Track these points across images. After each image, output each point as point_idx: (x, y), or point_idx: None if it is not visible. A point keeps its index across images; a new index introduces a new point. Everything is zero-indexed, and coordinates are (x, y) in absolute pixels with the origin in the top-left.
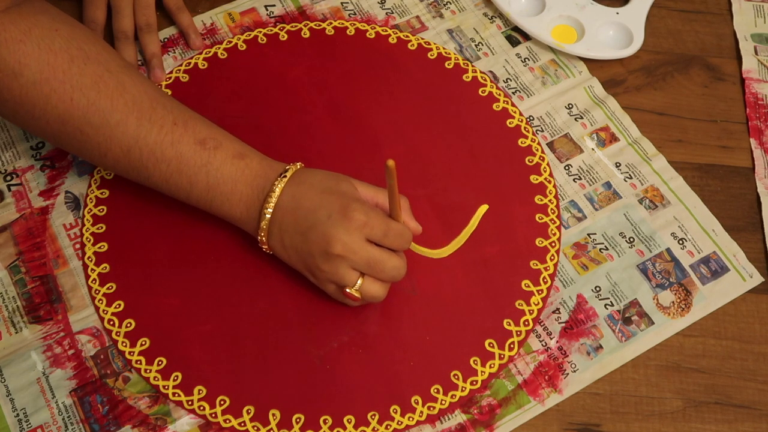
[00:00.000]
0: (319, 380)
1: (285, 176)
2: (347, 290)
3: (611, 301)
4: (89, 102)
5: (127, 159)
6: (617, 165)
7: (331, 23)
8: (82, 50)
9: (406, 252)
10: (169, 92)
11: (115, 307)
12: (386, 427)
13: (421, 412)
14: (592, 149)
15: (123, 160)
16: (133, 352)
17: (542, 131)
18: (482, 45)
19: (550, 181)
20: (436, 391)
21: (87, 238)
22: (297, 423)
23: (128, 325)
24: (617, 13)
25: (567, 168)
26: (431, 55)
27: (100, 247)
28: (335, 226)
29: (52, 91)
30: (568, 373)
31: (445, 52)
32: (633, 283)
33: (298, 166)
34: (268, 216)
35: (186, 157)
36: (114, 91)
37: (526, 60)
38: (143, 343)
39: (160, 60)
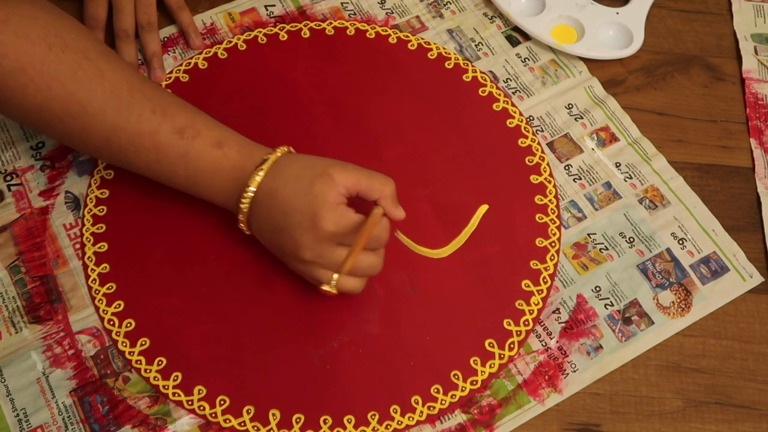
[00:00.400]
0: (319, 380)
1: (261, 169)
2: (322, 288)
3: (611, 301)
4: (67, 92)
5: (107, 147)
6: (617, 165)
7: (331, 23)
8: (61, 38)
9: (406, 251)
10: (169, 92)
11: (115, 307)
12: (386, 427)
13: (421, 412)
14: (592, 149)
15: (104, 148)
16: (133, 352)
17: (542, 131)
18: (482, 45)
19: (550, 181)
20: (436, 391)
21: (87, 238)
22: (297, 423)
23: (128, 325)
24: (617, 13)
25: (567, 168)
26: (431, 55)
27: (100, 247)
28: (304, 234)
29: (30, 81)
30: (568, 373)
31: (445, 52)
32: (633, 283)
33: (278, 154)
34: (244, 210)
35: (164, 147)
36: (92, 79)
37: (526, 60)
38: (143, 343)
39: (161, 59)
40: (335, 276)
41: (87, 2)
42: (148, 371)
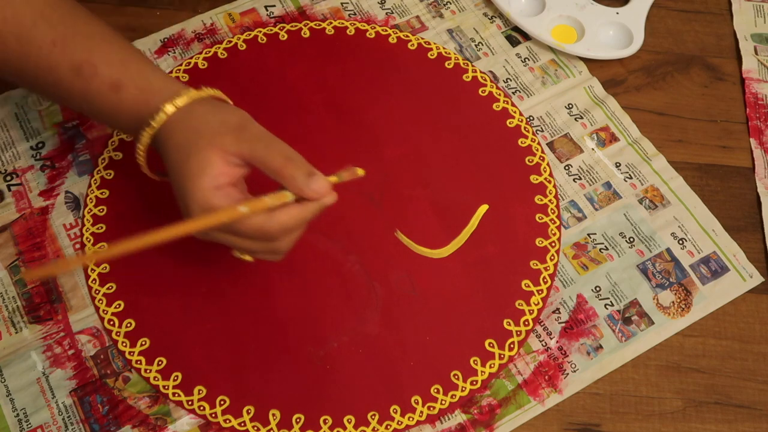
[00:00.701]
0: (319, 380)
1: (151, 127)
2: (235, 255)
3: (611, 301)
4: None
5: (21, 81)
6: (617, 165)
7: (331, 23)
8: None
9: (406, 251)
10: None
11: (115, 307)
12: (386, 427)
13: (421, 412)
14: (592, 149)
15: (19, 81)
16: (133, 352)
17: (542, 131)
18: (482, 45)
19: (550, 181)
20: (436, 391)
21: (87, 238)
22: (297, 423)
23: (128, 325)
24: (617, 13)
25: (567, 168)
26: (431, 55)
27: (100, 247)
28: (184, 212)
29: None
30: (568, 373)
31: (445, 52)
32: (633, 283)
33: (169, 111)
34: (142, 163)
35: (65, 85)
36: None
37: (526, 60)
38: (143, 343)
39: None
40: (236, 253)
41: None
42: (148, 371)
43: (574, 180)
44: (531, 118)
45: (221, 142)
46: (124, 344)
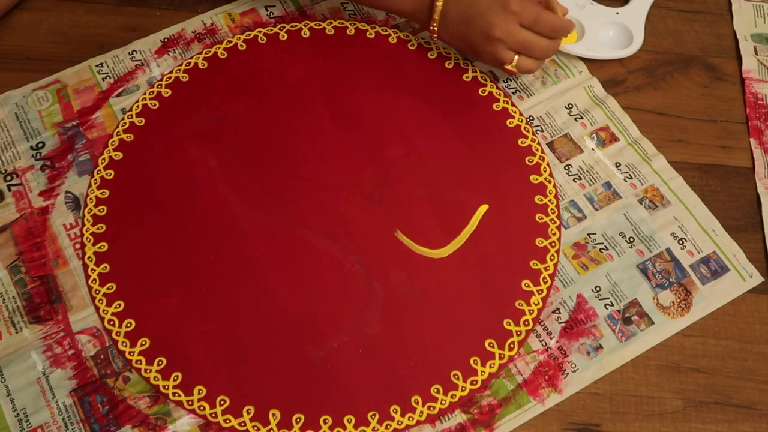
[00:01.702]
0: (319, 380)
1: None
2: (506, 66)
3: (611, 301)
4: None
5: None
6: (617, 165)
7: (331, 23)
8: None
9: (406, 251)
10: (169, 92)
11: (115, 307)
12: (386, 427)
13: (421, 412)
14: (592, 149)
15: None
16: (133, 352)
17: (542, 131)
18: None
19: (550, 181)
20: (436, 391)
21: (87, 238)
22: (297, 423)
23: (128, 325)
24: (617, 13)
25: (567, 168)
26: (431, 55)
27: (100, 247)
28: (494, 14)
29: None
30: (568, 373)
31: (445, 52)
32: (633, 283)
33: None
34: (439, 8)
35: None
36: None
37: None
38: (143, 343)
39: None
40: (516, 57)
41: None
42: (148, 371)
43: (574, 180)
44: (531, 118)
45: None
46: (124, 344)
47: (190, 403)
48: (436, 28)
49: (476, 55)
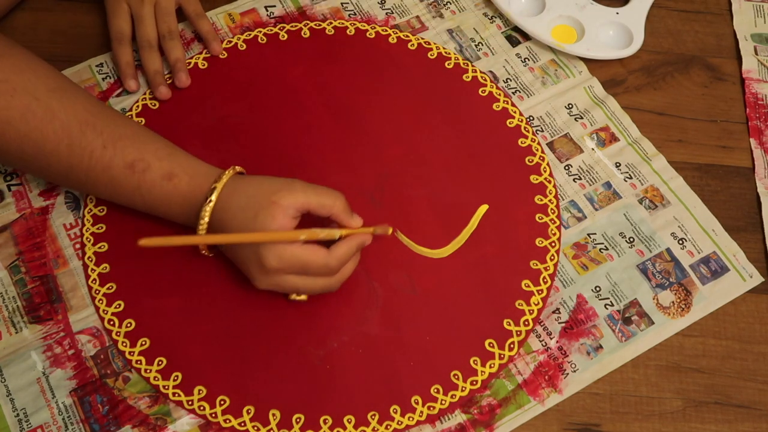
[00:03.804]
0: (319, 380)
1: (210, 201)
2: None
3: (611, 301)
4: (20, 135)
5: (68, 181)
6: (617, 165)
7: (331, 23)
8: (9, 83)
9: (406, 251)
10: (170, 92)
11: (115, 307)
12: (386, 427)
13: (421, 412)
14: (592, 149)
15: (66, 180)
16: (133, 352)
17: (542, 131)
18: (482, 45)
19: (550, 181)
20: (436, 391)
21: (87, 238)
22: (297, 423)
23: (128, 325)
24: (617, 13)
25: (567, 168)
26: (431, 55)
27: (100, 247)
28: (253, 267)
29: None
30: (568, 373)
31: (445, 52)
32: (633, 283)
33: (224, 181)
34: (203, 252)
35: (118, 181)
36: (42, 120)
37: (526, 60)
38: (143, 343)
39: (184, 64)
40: (292, 296)
41: (110, 18)
42: (148, 371)
43: (574, 180)
44: (531, 118)
45: (278, 198)
46: (124, 344)
47: (190, 403)
48: (205, 252)
49: None
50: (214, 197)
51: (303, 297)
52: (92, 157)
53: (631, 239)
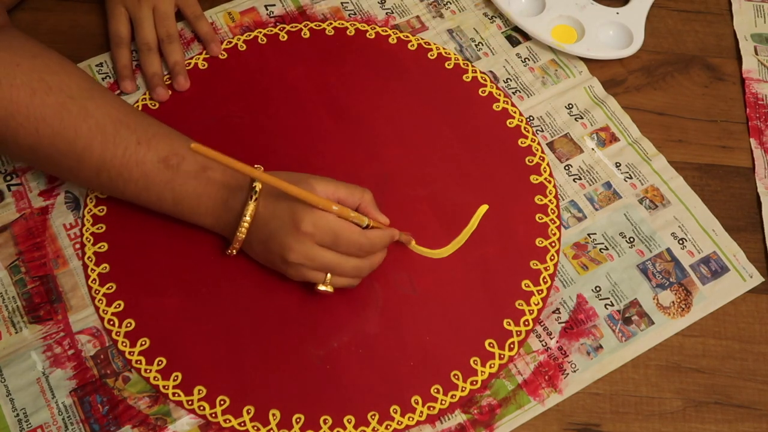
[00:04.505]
0: (319, 380)
1: (254, 197)
2: (318, 288)
3: (611, 301)
4: (54, 132)
5: (98, 179)
6: (617, 165)
7: (331, 23)
8: (44, 81)
9: (406, 251)
10: (169, 93)
11: (115, 307)
12: (386, 427)
13: (421, 412)
14: (592, 149)
15: (95, 180)
16: (133, 352)
17: (542, 131)
18: (482, 45)
19: (550, 181)
20: (436, 391)
21: (87, 238)
22: (297, 423)
23: (128, 325)
24: (617, 13)
25: (567, 168)
26: (431, 55)
27: (100, 247)
28: (287, 235)
29: (19, 126)
30: (568, 373)
31: (445, 52)
32: (633, 283)
33: (260, 173)
34: (241, 238)
35: (151, 176)
36: (77, 117)
37: (526, 60)
38: (143, 343)
39: (183, 67)
40: (328, 276)
41: (110, 21)
42: (148, 371)
43: (574, 180)
44: (531, 118)
45: (313, 181)
46: (124, 344)
47: (190, 403)
48: (235, 251)
49: (286, 275)
50: (256, 193)
51: (329, 288)
52: (125, 154)
53: (632, 239)
